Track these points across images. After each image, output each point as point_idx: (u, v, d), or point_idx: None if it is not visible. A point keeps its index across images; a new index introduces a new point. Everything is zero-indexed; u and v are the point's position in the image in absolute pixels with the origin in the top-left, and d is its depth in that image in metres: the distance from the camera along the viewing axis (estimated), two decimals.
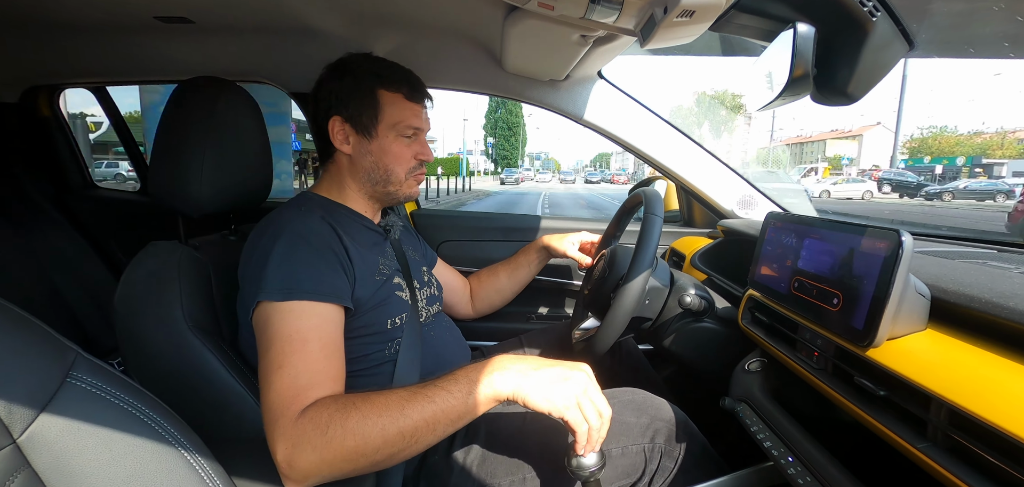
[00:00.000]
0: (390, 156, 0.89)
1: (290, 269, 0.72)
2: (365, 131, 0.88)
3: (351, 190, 0.92)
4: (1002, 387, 0.46)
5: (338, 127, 0.88)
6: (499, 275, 1.26)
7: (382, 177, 0.90)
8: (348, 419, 0.60)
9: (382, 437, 0.60)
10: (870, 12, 0.72)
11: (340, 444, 0.59)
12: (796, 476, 0.66)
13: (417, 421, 0.61)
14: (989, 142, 47.32)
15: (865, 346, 0.59)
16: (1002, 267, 0.70)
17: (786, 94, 0.81)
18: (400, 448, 0.61)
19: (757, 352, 0.91)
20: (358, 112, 0.87)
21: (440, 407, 0.62)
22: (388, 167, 0.89)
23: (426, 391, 0.63)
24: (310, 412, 0.61)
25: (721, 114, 61.59)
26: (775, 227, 0.85)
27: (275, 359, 0.66)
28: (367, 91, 0.87)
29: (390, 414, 0.61)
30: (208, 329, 0.80)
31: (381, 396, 0.63)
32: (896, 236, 0.57)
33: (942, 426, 0.49)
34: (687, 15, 0.75)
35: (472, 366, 0.67)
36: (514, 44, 1.17)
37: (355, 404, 0.62)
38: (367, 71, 0.88)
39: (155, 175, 0.84)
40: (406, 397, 0.62)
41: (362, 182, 0.91)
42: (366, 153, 0.89)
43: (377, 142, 0.88)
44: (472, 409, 0.64)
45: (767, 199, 1.46)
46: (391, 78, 0.88)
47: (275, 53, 1.41)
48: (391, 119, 0.88)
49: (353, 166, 0.90)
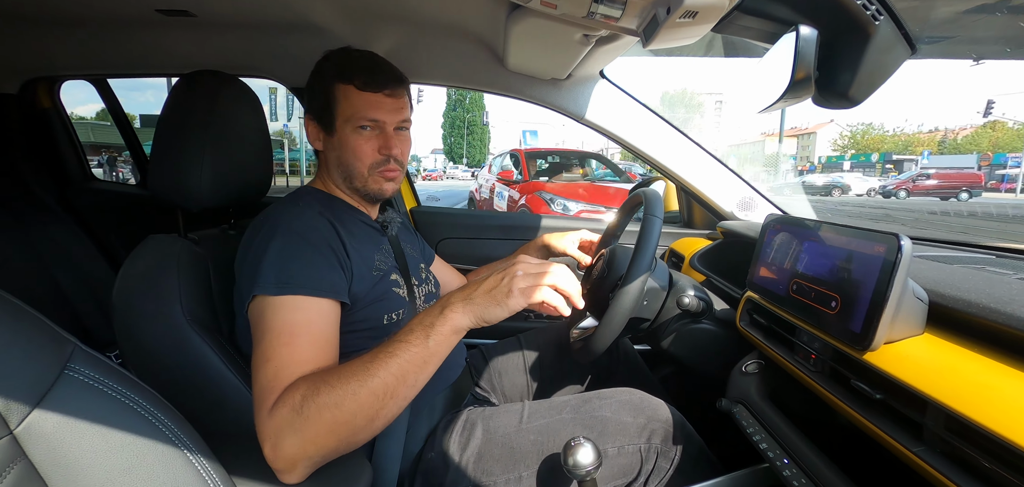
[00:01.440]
0: (348, 151, 0.86)
1: (285, 264, 0.72)
2: (327, 127, 0.88)
3: (335, 184, 0.93)
4: (998, 393, 0.46)
5: (309, 125, 0.90)
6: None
7: (347, 173, 0.88)
8: (319, 394, 0.60)
9: (355, 402, 0.60)
10: (873, 15, 0.72)
11: (317, 419, 0.60)
12: (791, 478, 0.66)
13: (386, 378, 0.62)
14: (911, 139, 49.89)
15: (862, 349, 0.59)
16: (1000, 272, 0.70)
17: (788, 96, 0.81)
18: (377, 408, 0.62)
19: (755, 354, 0.91)
20: (320, 108, 0.87)
21: (404, 358, 0.63)
22: (348, 163, 0.87)
23: (387, 348, 0.64)
24: (284, 397, 0.62)
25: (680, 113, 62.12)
26: (774, 229, 0.85)
27: (264, 352, 0.66)
28: (326, 86, 0.86)
29: (358, 378, 0.61)
30: (206, 324, 0.80)
31: (347, 366, 0.63)
32: (895, 240, 0.57)
33: (938, 430, 0.50)
34: (690, 16, 0.75)
35: (424, 312, 0.67)
36: (516, 42, 1.17)
37: (324, 378, 0.62)
38: (330, 65, 0.87)
39: (155, 169, 0.84)
40: (368, 359, 0.63)
41: (337, 178, 0.91)
42: (331, 149, 0.89)
43: (337, 137, 0.87)
44: (435, 351, 0.64)
45: (767, 201, 1.46)
46: (347, 70, 0.85)
47: (276, 47, 1.40)
48: (346, 112, 0.85)
49: (326, 163, 0.91)
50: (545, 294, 0.63)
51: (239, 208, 0.98)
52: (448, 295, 0.68)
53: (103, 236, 1.80)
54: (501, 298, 0.64)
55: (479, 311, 0.64)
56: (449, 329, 0.64)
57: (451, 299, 0.66)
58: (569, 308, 0.65)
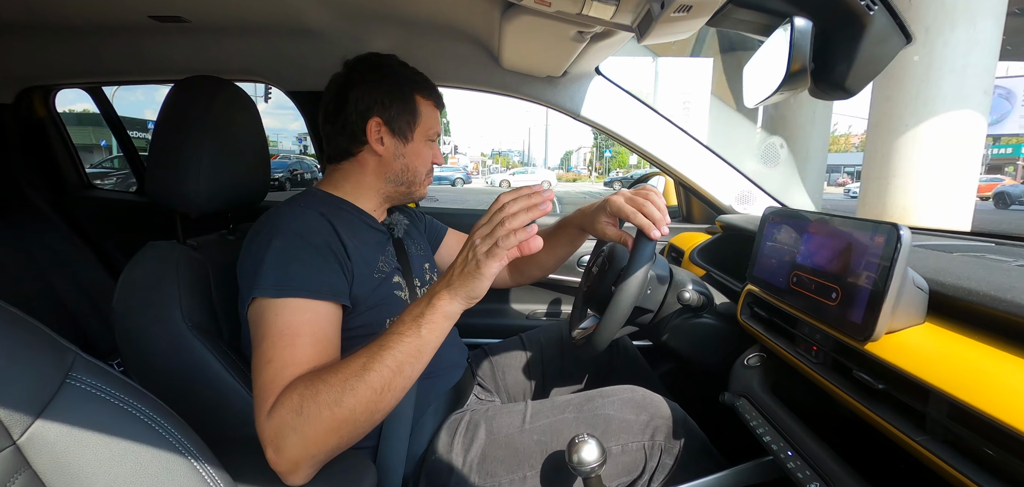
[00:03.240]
0: (420, 159, 0.94)
1: (285, 266, 0.72)
2: (401, 135, 0.91)
3: (369, 190, 0.93)
4: (1000, 380, 0.47)
5: (375, 128, 0.89)
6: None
7: (408, 178, 0.93)
8: (318, 393, 0.61)
9: (354, 397, 0.61)
10: (867, 6, 0.72)
11: (317, 418, 0.60)
12: (795, 470, 0.66)
13: (382, 371, 0.62)
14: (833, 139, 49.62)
15: (864, 340, 0.59)
16: (1000, 260, 0.70)
17: (784, 88, 0.81)
18: (376, 402, 0.62)
19: (756, 347, 0.91)
20: (398, 115, 0.89)
21: (400, 350, 0.63)
22: (416, 169, 0.94)
23: (381, 342, 0.64)
24: (283, 397, 0.62)
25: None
26: (773, 222, 0.85)
27: (265, 354, 0.66)
28: (408, 96, 0.90)
29: (355, 374, 0.62)
30: (207, 329, 0.80)
31: (344, 364, 0.64)
32: (895, 230, 0.57)
33: (940, 419, 0.50)
34: (684, 10, 0.75)
35: (412, 304, 0.67)
36: (511, 41, 1.17)
37: (321, 377, 0.62)
38: (405, 76, 0.91)
39: (152, 175, 0.84)
40: (364, 355, 0.63)
41: (385, 183, 0.92)
42: (399, 155, 0.91)
43: (412, 146, 0.92)
44: (428, 339, 0.64)
45: (765, 194, 1.46)
46: (424, 85, 0.93)
47: (271, 52, 1.40)
48: (426, 125, 0.93)
49: (381, 167, 0.91)
50: (507, 242, 0.61)
51: (237, 213, 0.98)
52: (433, 285, 0.67)
53: (101, 243, 1.80)
54: (474, 271, 0.63)
55: (464, 291, 0.64)
56: (440, 316, 0.64)
57: (436, 288, 0.66)
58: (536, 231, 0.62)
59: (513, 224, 0.61)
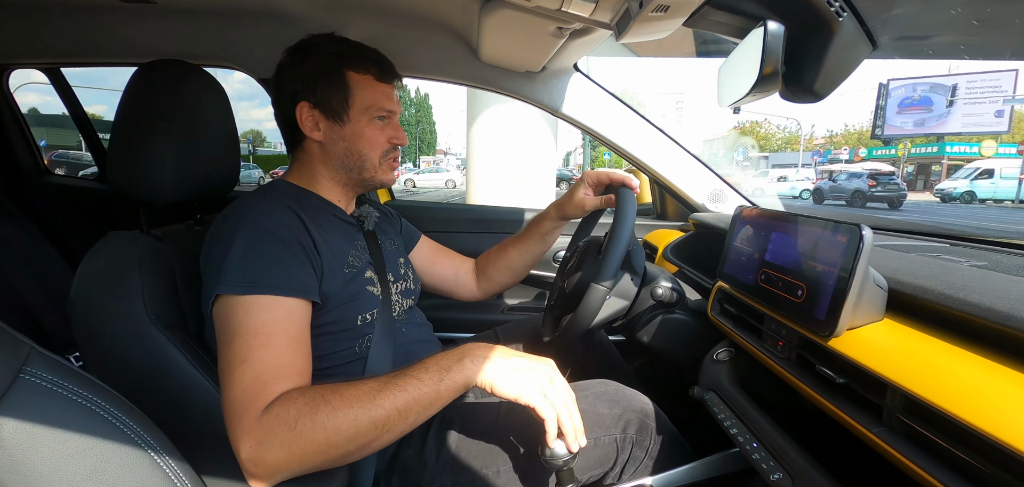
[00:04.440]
0: (364, 141, 0.86)
1: (253, 261, 0.69)
2: (336, 116, 0.85)
3: (324, 178, 0.90)
4: (953, 375, 0.49)
5: (306, 113, 0.84)
6: (508, 252, 1.16)
7: (356, 164, 0.87)
8: (318, 412, 0.59)
9: (354, 428, 0.60)
10: (837, 12, 0.74)
11: (310, 438, 0.58)
12: (760, 461, 0.68)
13: (389, 410, 0.61)
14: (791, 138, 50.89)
15: (827, 336, 0.62)
16: (954, 260, 0.74)
17: (756, 91, 0.83)
18: (372, 438, 0.61)
19: (725, 342, 0.93)
20: (326, 96, 0.84)
21: (412, 395, 0.62)
22: (362, 153, 0.87)
23: (397, 380, 0.63)
24: (276, 407, 0.60)
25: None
26: (744, 221, 0.87)
27: (238, 353, 0.64)
28: (335, 73, 0.84)
29: (361, 405, 0.60)
30: (172, 323, 0.78)
31: (351, 387, 0.62)
32: (858, 230, 0.59)
33: (897, 412, 0.52)
34: (662, 10, 0.76)
35: (443, 354, 0.68)
36: (490, 34, 1.17)
37: (324, 397, 0.61)
38: (332, 52, 0.84)
39: (115, 162, 0.80)
40: (377, 387, 0.62)
41: (335, 170, 0.89)
42: (338, 139, 0.86)
43: (350, 127, 0.85)
44: (443, 396, 0.64)
45: (737, 193, 1.49)
46: (359, 58, 0.85)
47: (243, 37, 1.36)
48: (363, 102, 0.85)
49: (325, 153, 0.87)
50: (550, 413, 0.65)
51: (205, 203, 0.95)
52: (471, 345, 0.69)
53: (60, 233, 1.72)
54: (520, 380, 0.66)
55: (495, 376, 0.66)
56: (462, 379, 0.65)
57: (473, 350, 0.67)
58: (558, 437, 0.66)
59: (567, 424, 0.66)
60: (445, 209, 1.78)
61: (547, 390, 0.66)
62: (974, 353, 0.51)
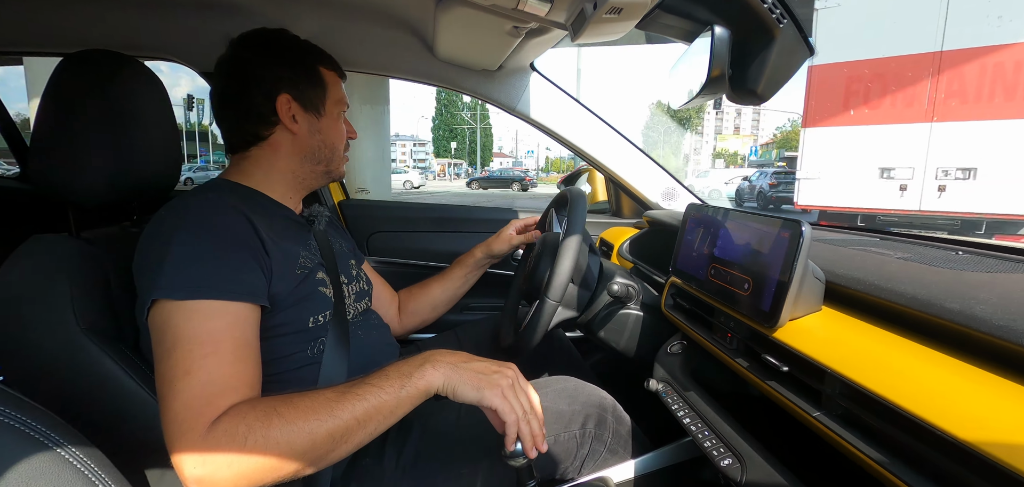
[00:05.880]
0: (335, 134, 0.90)
1: (195, 263, 0.65)
2: (314, 109, 0.86)
3: (283, 175, 0.86)
4: (882, 360, 0.53)
5: (286, 105, 0.82)
6: (432, 289, 1.22)
7: (326, 155, 0.89)
8: (270, 427, 0.56)
9: (310, 441, 0.57)
10: (777, 19, 0.79)
11: (262, 455, 0.55)
12: (711, 448, 0.71)
13: (348, 420, 0.59)
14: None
15: (771, 327, 0.65)
16: (883, 253, 0.79)
17: (704, 93, 0.86)
18: (329, 450, 0.59)
19: (678, 336, 0.97)
20: (306, 90, 0.85)
21: (371, 404, 0.61)
22: (333, 145, 0.90)
23: (356, 390, 0.61)
24: (224, 422, 0.56)
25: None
26: (694, 218, 0.90)
27: (180, 364, 0.60)
28: (312, 69, 0.86)
29: (318, 416, 0.58)
30: (106, 332, 0.72)
31: (306, 398, 0.59)
32: (798, 226, 0.63)
33: (834, 396, 0.55)
34: (615, 12, 0.78)
35: (403, 361, 0.66)
36: (446, 31, 1.16)
37: (277, 410, 0.58)
38: (305, 49, 0.88)
39: (38, 158, 0.74)
40: (334, 397, 0.60)
41: (300, 163, 0.87)
42: (314, 131, 0.86)
43: (326, 120, 0.88)
44: (404, 403, 0.63)
45: (688, 191, 1.55)
46: (324, 56, 0.90)
47: (185, 28, 1.29)
48: (334, 96, 0.89)
49: (297, 146, 0.85)
50: (512, 417, 0.65)
51: (142, 203, 0.89)
52: (432, 351, 0.68)
53: None
54: (482, 384, 0.65)
55: (457, 382, 0.65)
56: (424, 385, 0.64)
57: (435, 356, 0.66)
58: (516, 444, 0.67)
59: (533, 428, 0.66)
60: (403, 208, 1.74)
61: (509, 394, 0.66)
62: (902, 338, 0.55)
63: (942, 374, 0.47)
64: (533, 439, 0.66)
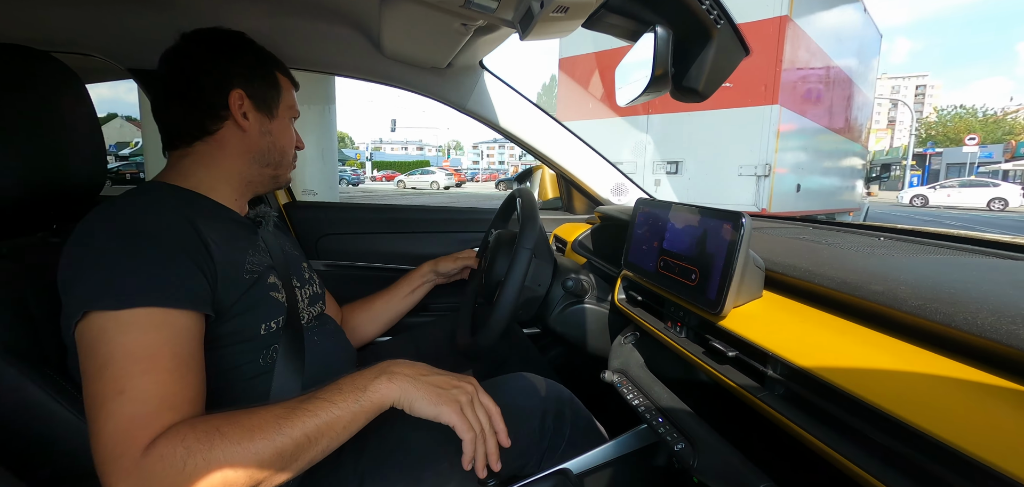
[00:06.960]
0: (286, 138, 0.89)
1: (129, 269, 0.60)
2: (267, 110, 0.84)
3: (228, 174, 0.82)
4: (818, 341, 0.56)
5: (238, 100, 0.80)
6: (375, 304, 1.21)
7: (275, 159, 0.87)
8: (212, 448, 0.53)
9: (256, 462, 0.54)
10: (715, 20, 0.82)
11: (203, 480, 0.52)
12: (665, 434, 0.73)
13: (298, 438, 0.56)
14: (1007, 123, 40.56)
15: (717, 315, 0.68)
16: (815, 241, 0.85)
17: (649, 90, 0.89)
18: (278, 470, 0.56)
19: (632, 327, 0.99)
20: (261, 88, 0.82)
21: (323, 420, 0.58)
22: (284, 149, 0.89)
23: (306, 405, 0.58)
24: (160, 446, 0.52)
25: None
26: (643, 212, 0.93)
27: (112, 382, 0.55)
28: (269, 70, 0.85)
29: (264, 435, 0.55)
30: (25, 353, 0.66)
31: (252, 416, 0.56)
32: (738, 217, 0.66)
33: (776, 377, 0.59)
34: (562, 11, 0.79)
35: (357, 374, 0.64)
36: (391, 28, 1.13)
37: (220, 429, 0.54)
38: (264, 53, 0.87)
39: None
40: (282, 414, 0.57)
41: (248, 164, 0.83)
42: (265, 132, 0.84)
43: (278, 122, 0.86)
44: (358, 418, 0.61)
45: (636, 186, 1.59)
46: (282, 65, 0.90)
47: (111, 22, 1.19)
48: (287, 101, 0.88)
49: (245, 145, 0.82)
50: (469, 435, 0.65)
51: (63, 210, 0.82)
52: (389, 362, 0.67)
53: None
54: (440, 400, 0.65)
55: (414, 396, 0.65)
56: (379, 399, 0.63)
57: (391, 368, 0.65)
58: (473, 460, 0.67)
59: (490, 445, 0.67)
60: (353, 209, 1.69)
61: (467, 412, 0.66)
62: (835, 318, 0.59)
63: (869, 352, 0.51)
64: (489, 458, 0.66)
